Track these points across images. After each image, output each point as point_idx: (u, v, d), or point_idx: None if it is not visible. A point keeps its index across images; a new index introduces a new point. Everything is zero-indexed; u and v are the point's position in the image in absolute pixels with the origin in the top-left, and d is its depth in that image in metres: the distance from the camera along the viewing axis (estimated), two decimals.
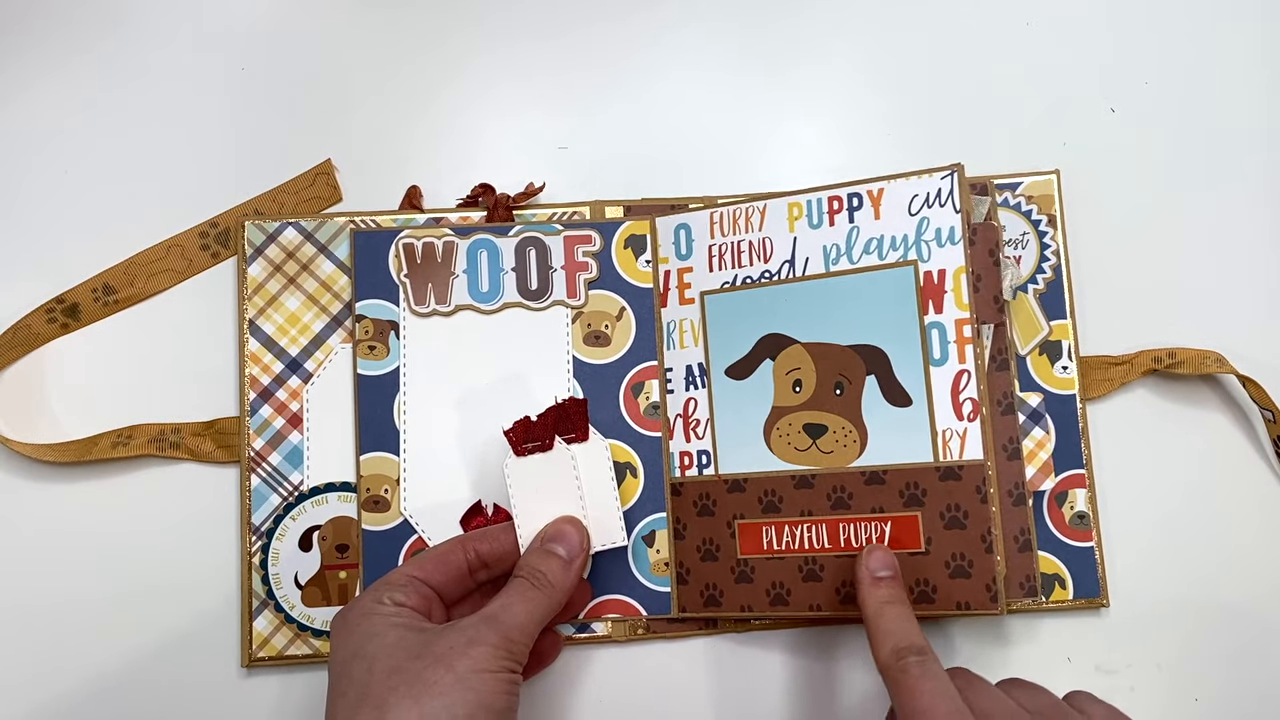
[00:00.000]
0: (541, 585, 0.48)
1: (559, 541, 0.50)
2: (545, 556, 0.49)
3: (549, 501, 0.51)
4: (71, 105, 0.60)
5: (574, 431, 0.52)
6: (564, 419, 0.52)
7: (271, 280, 0.56)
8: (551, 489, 0.51)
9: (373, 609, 0.46)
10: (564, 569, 0.49)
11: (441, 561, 0.49)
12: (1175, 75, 0.61)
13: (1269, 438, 0.57)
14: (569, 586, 0.49)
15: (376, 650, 0.44)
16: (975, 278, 0.51)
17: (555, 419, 0.52)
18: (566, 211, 0.58)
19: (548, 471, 0.51)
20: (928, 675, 0.43)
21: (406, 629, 0.45)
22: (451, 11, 0.61)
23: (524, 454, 0.51)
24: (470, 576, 0.50)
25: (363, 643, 0.44)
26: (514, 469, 0.51)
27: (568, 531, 0.50)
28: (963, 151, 0.57)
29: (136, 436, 0.55)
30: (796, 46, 0.61)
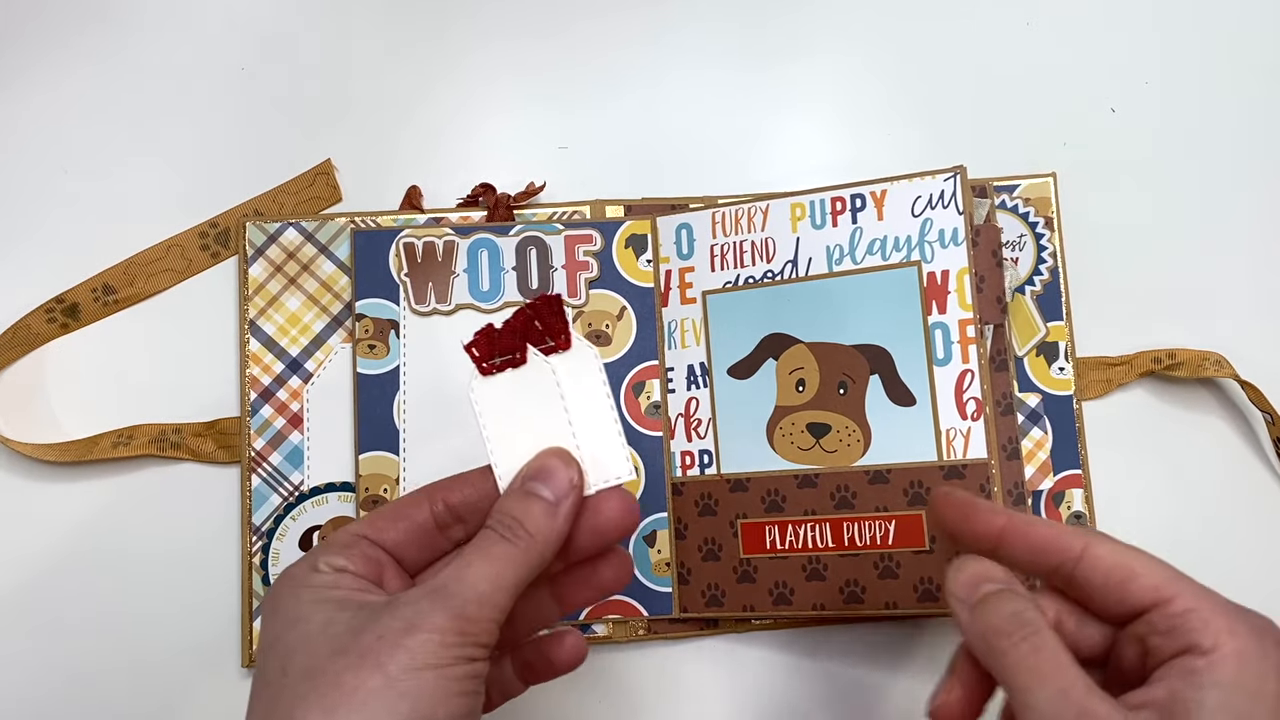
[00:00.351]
0: (516, 536, 0.36)
1: (541, 479, 0.38)
2: (523, 499, 0.37)
3: (530, 432, 0.39)
4: (71, 105, 0.59)
5: (552, 338, 0.40)
6: (537, 322, 0.40)
7: (272, 280, 0.56)
8: (532, 415, 0.40)
9: (304, 579, 0.36)
10: (548, 513, 0.37)
11: (398, 515, 0.39)
12: (1175, 75, 0.61)
13: (1269, 439, 0.57)
14: (555, 537, 0.37)
15: (296, 641, 0.34)
16: (978, 278, 0.51)
17: (525, 323, 0.40)
18: (567, 211, 0.58)
19: (524, 392, 0.40)
20: None
21: (339, 607, 0.35)
22: (451, 11, 0.61)
23: (491, 372, 0.40)
24: (441, 534, 0.40)
25: (283, 629, 0.35)
26: (481, 393, 0.40)
27: (552, 466, 0.38)
28: (963, 151, 0.57)
29: (137, 436, 0.55)
30: (797, 45, 0.61)
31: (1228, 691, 0.33)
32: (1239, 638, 0.34)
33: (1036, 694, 0.34)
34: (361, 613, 0.35)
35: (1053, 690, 0.34)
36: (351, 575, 0.37)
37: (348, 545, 0.38)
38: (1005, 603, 0.37)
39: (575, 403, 0.40)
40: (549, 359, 0.40)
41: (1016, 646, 0.35)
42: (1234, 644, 0.34)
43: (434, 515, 0.39)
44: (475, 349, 0.40)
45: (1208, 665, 0.33)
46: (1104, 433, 0.57)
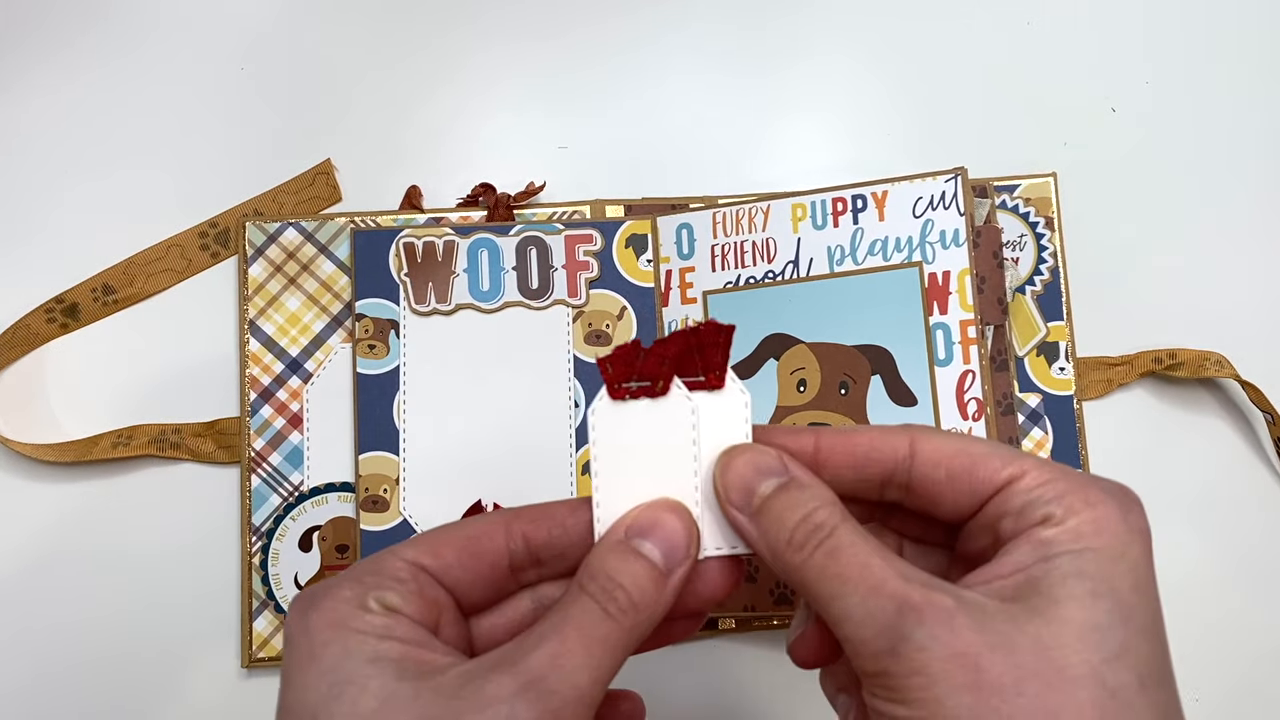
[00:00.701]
0: (620, 610, 0.30)
1: (651, 537, 0.31)
2: (627, 558, 0.31)
3: (648, 476, 0.34)
4: (71, 104, 0.59)
5: (705, 373, 0.34)
6: (693, 352, 0.34)
7: (272, 280, 0.56)
8: (656, 457, 0.34)
9: (349, 619, 0.29)
10: (655, 582, 0.31)
11: (468, 546, 0.32)
12: (1176, 75, 0.61)
13: (1270, 439, 0.57)
14: (659, 612, 0.31)
15: (340, 712, 0.28)
16: (979, 279, 0.51)
17: (680, 350, 0.34)
18: (567, 211, 0.58)
19: (654, 428, 0.34)
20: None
21: (398, 674, 0.28)
22: (451, 11, 0.61)
23: (623, 396, 0.34)
24: (512, 576, 0.33)
25: (327, 695, 0.28)
26: (603, 417, 0.34)
27: (667, 524, 0.32)
28: (963, 151, 0.57)
29: (137, 437, 0.55)
30: (797, 46, 0.61)
31: (1084, 558, 0.28)
32: (1096, 505, 0.29)
33: (845, 601, 0.29)
34: (427, 695, 0.28)
35: (862, 592, 0.29)
36: (407, 621, 0.30)
37: (403, 579, 0.31)
38: (790, 506, 0.31)
39: (708, 452, 0.34)
40: (693, 395, 0.34)
41: (811, 557, 0.30)
42: (1090, 511, 0.29)
43: (510, 553, 0.33)
44: (610, 365, 0.34)
45: (1060, 534, 0.29)
46: (1105, 433, 0.57)
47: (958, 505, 0.32)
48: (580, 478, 0.55)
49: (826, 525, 0.30)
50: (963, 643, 0.27)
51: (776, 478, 0.32)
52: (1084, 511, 0.29)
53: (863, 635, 0.28)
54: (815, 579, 0.30)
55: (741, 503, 0.32)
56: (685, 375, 0.34)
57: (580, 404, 0.55)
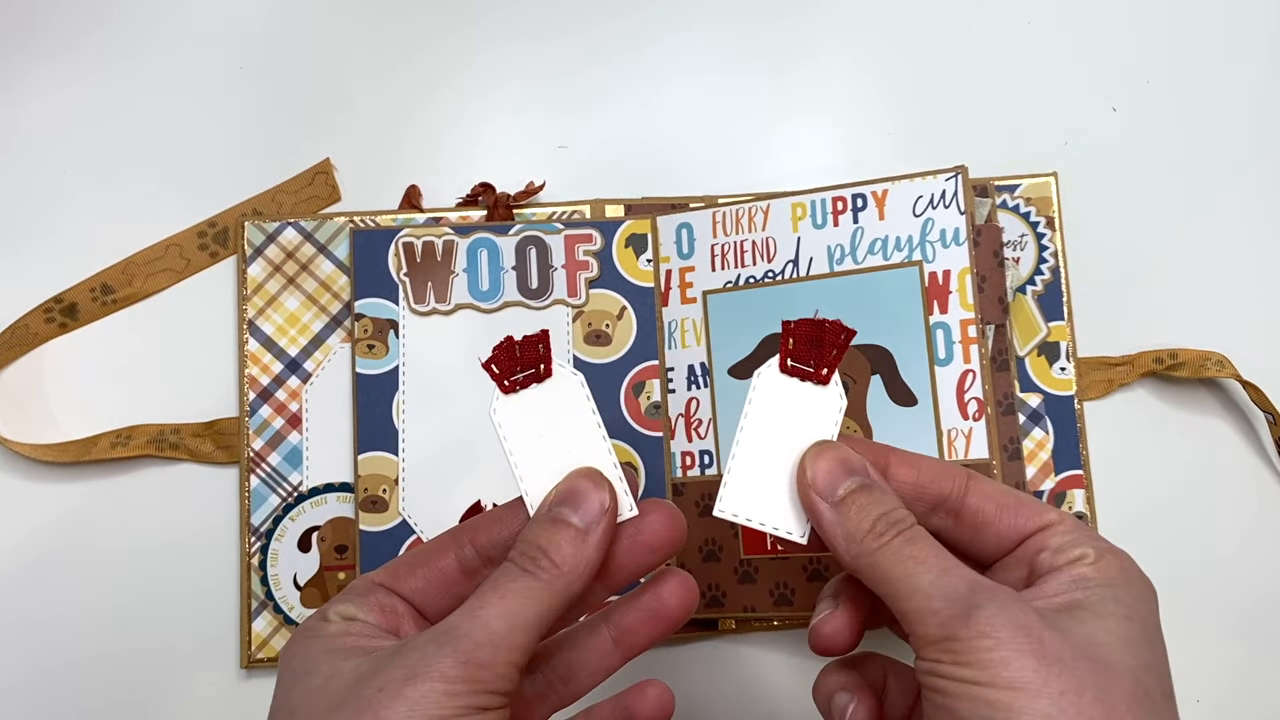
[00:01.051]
0: (539, 568, 0.33)
1: (569, 503, 0.34)
2: (548, 527, 0.34)
3: (563, 452, 0.36)
4: (69, 105, 0.59)
5: (816, 366, 0.37)
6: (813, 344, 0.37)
7: (271, 280, 0.56)
8: (564, 434, 0.36)
9: (313, 630, 0.34)
10: (575, 541, 0.34)
11: (419, 562, 0.36)
12: (1177, 74, 0.61)
13: (1271, 439, 0.57)
14: (585, 566, 0.34)
15: (299, 697, 0.32)
16: (980, 278, 0.51)
17: (803, 337, 0.37)
18: (567, 210, 0.58)
19: (552, 409, 0.36)
20: None
21: (345, 656, 0.32)
22: (451, 10, 0.61)
23: (514, 389, 0.37)
24: (468, 580, 0.36)
25: (290, 685, 0.33)
26: (505, 414, 0.36)
27: (581, 489, 0.35)
28: (963, 150, 0.57)
29: (136, 437, 0.55)
30: (797, 46, 0.61)
31: (1118, 590, 0.33)
32: (1120, 558, 0.34)
33: (921, 577, 0.33)
34: (365, 661, 0.32)
35: (937, 571, 0.33)
36: (363, 624, 0.34)
37: (361, 593, 0.35)
38: (874, 503, 0.35)
39: (773, 431, 0.37)
40: (574, 372, 0.37)
41: (890, 543, 0.34)
42: (1117, 561, 0.34)
43: (460, 560, 0.36)
44: (495, 365, 0.37)
45: (1095, 572, 0.33)
46: (1105, 433, 0.57)
47: (1000, 536, 0.36)
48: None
49: (906, 521, 0.35)
50: (1028, 619, 0.31)
51: (860, 477, 0.35)
52: (1111, 560, 0.34)
53: (933, 605, 0.32)
54: (892, 560, 0.34)
55: (826, 491, 0.35)
56: (799, 362, 0.37)
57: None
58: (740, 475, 0.37)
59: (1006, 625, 0.31)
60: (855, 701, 0.38)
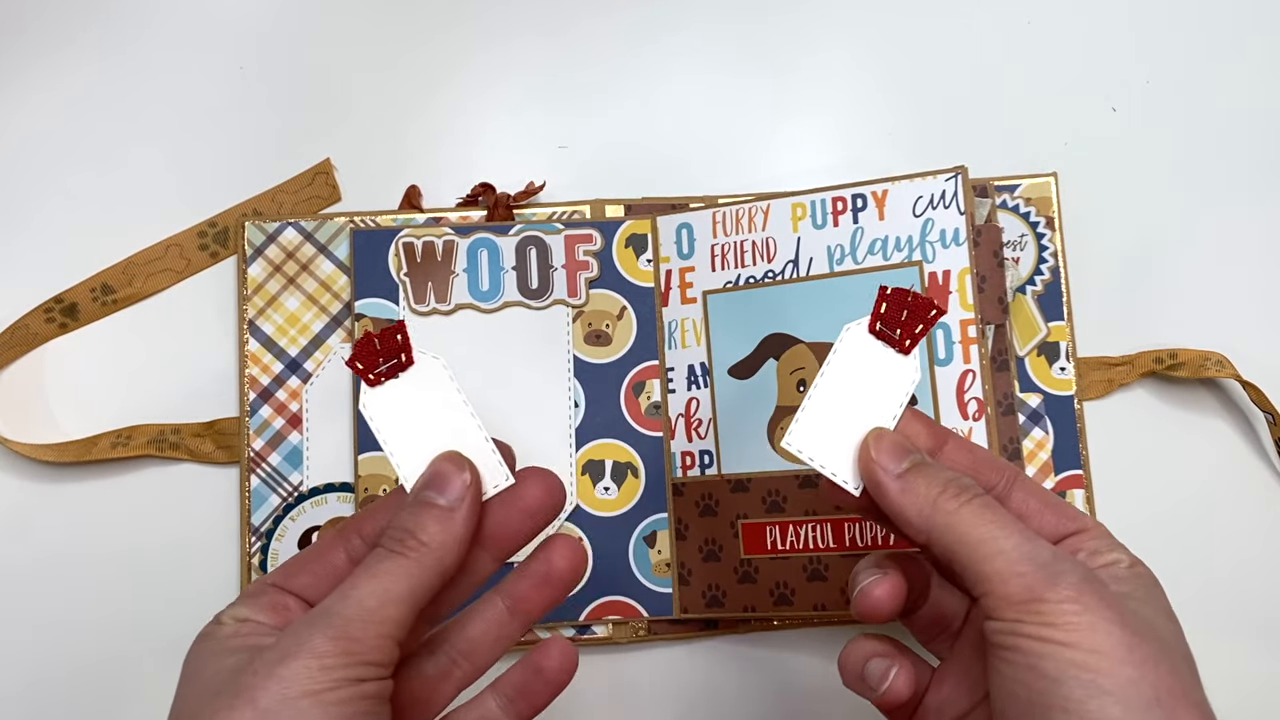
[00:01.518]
0: (406, 548, 0.35)
1: (434, 487, 0.36)
2: (415, 510, 0.36)
3: (435, 435, 0.38)
4: (70, 103, 0.59)
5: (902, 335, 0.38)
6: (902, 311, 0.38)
7: (271, 280, 0.56)
8: (433, 419, 0.38)
9: (208, 634, 0.35)
10: (442, 520, 0.35)
11: (309, 558, 0.37)
12: (1176, 75, 0.61)
13: (1271, 439, 0.57)
14: (454, 541, 0.35)
15: (189, 694, 0.33)
16: (979, 278, 0.51)
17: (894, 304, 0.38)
18: (567, 211, 0.58)
19: (421, 395, 0.38)
20: None
21: (231, 653, 0.33)
22: (451, 10, 0.61)
23: (379, 381, 0.38)
24: None
25: (183, 686, 0.34)
26: (375, 407, 0.38)
27: (444, 471, 0.36)
28: (963, 151, 0.57)
29: (136, 437, 0.55)
30: (797, 45, 0.61)
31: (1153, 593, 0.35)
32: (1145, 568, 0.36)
33: (1005, 539, 0.34)
34: (248, 653, 0.33)
35: (1019, 536, 0.34)
36: (254, 624, 0.35)
37: (255, 595, 0.36)
38: (942, 471, 0.36)
39: (849, 388, 0.39)
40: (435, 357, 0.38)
41: (968, 504, 0.35)
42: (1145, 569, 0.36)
43: (348, 552, 0.37)
44: (358, 361, 0.38)
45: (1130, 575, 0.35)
46: (1105, 433, 0.57)
47: (1043, 528, 0.37)
48: (580, 477, 0.55)
49: (976, 488, 0.36)
50: (1107, 591, 0.33)
51: (918, 455, 0.37)
52: (1141, 568, 0.36)
53: (1019, 568, 0.33)
54: (972, 520, 0.35)
55: (890, 464, 0.37)
56: (886, 326, 0.38)
57: (580, 404, 0.55)
58: (811, 417, 0.38)
59: (1092, 593, 0.32)
60: (896, 667, 0.39)
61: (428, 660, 0.39)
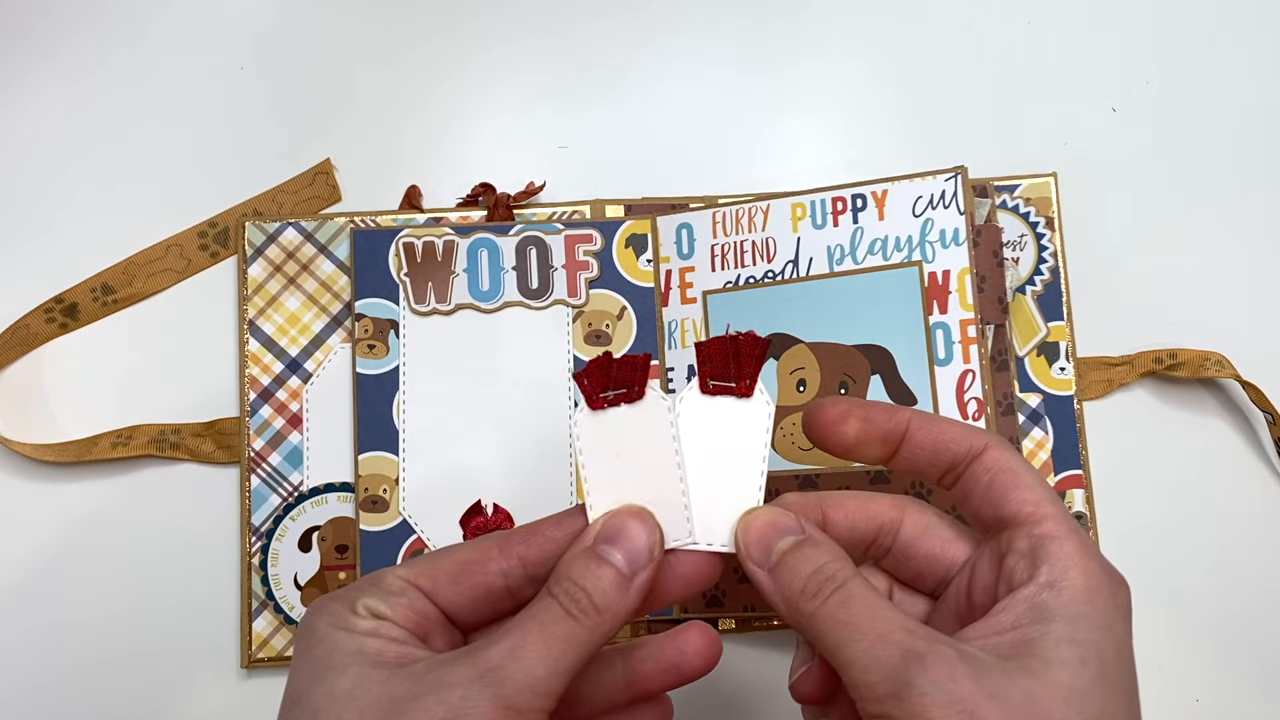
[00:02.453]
0: (582, 611, 0.32)
1: (614, 543, 0.33)
2: (592, 563, 0.33)
3: (633, 476, 0.35)
4: (70, 105, 0.59)
5: (737, 380, 0.36)
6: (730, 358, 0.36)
7: (271, 280, 0.56)
8: (640, 457, 0.35)
9: (340, 618, 0.33)
10: (619, 585, 0.33)
11: (463, 573, 0.35)
12: (1176, 75, 0.61)
13: (1270, 439, 0.57)
14: (624, 613, 0.33)
15: (322, 699, 0.31)
16: (979, 278, 0.51)
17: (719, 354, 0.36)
18: (567, 211, 0.58)
19: (634, 431, 0.35)
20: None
21: (374, 664, 0.31)
22: (451, 10, 0.61)
23: (602, 406, 0.35)
24: (510, 599, 0.35)
25: (312, 677, 0.32)
26: (585, 427, 0.36)
27: (629, 529, 0.34)
28: (963, 151, 0.57)
29: (136, 437, 0.55)
30: (797, 45, 0.61)
31: (1076, 624, 0.31)
32: (1092, 575, 0.32)
33: (853, 647, 0.31)
34: (397, 679, 0.31)
35: (870, 639, 0.31)
36: (394, 626, 0.33)
37: (394, 593, 0.33)
38: (805, 560, 0.33)
39: (709, 453, 0.35)
40: (681, 399, 0.35)
41: (824, 605, 0.32)
42: (1086, 581, 0.32)
43: (505, 576, 0.35)
44: (586, 379, 0.36)
45: (1056, 598, 0.32)
46: (1105, 433, 0.57)
47: (981, 515, 0.35)
48: (580, 477, 0.55)
49: (838, 577, 0.33)
50: (962, 691, 0.30)
51: (793, 535, 0.34)
52: (1077, 579, 0.32)
53: (869, 680, 0.31)
54: (827, 627, 0.32)
55: (760, 559, 0.34)
56: (719, 380, 0.35)
57: (580, 404, 0.55)
58: (701, 506, 0.35)
59: (938, 702, 0.29)
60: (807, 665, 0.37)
61: None
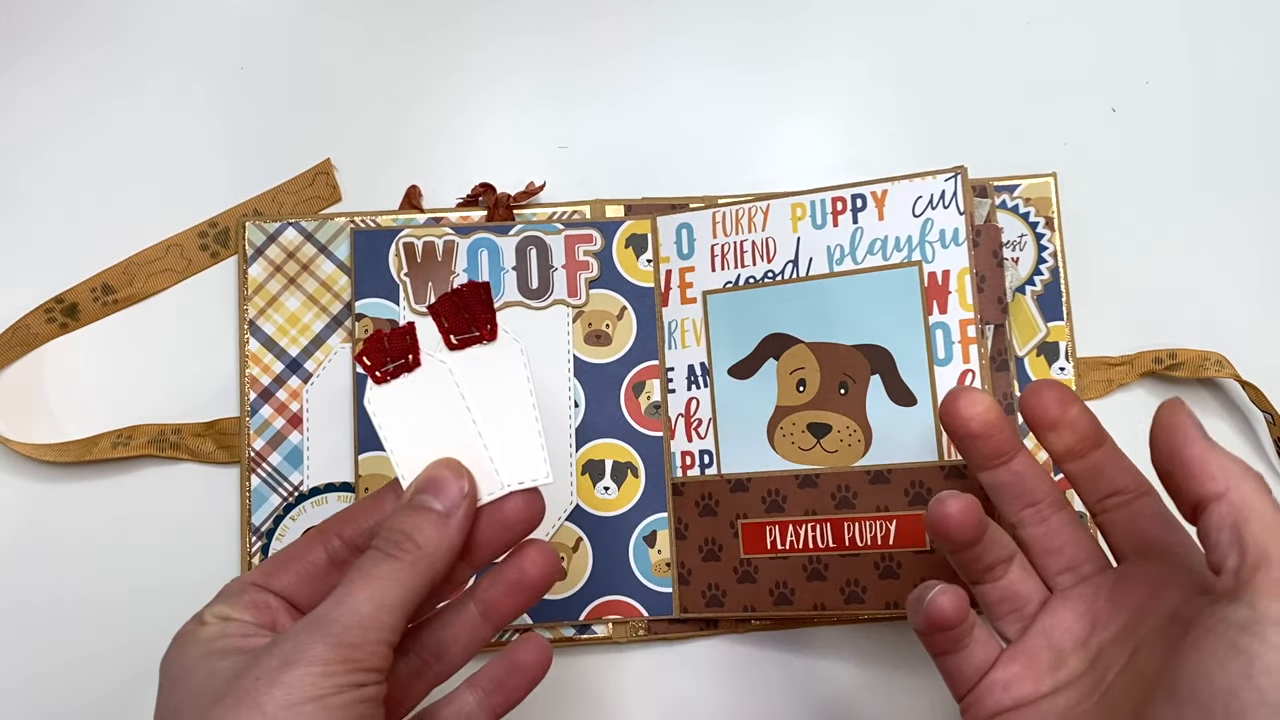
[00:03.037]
0: (403, 550, 0.35)
1: (430, 491, 0.36)
2: (411, 513, 0.36)
3: (435, 439, 0.38)
4: (70, 104, 0.59)
5: (478, 329, 0.38)
6: (462, 312, 0.38)
7: (272, 280, 0.56)
8: (435, 421, 0.38)
9: (191, 634, 0.36)
10: (438, 525, 0.36)
11: (289, 558, 0.38)
12: (1175, 75, 0.61)
13: (1270, 439, 0.57)
14: (446, 548, 0.36)
15: (181, 698, 0.34)
16: (979, 278, 0.51)
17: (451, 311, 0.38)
18: (567, 211, 0.58)
19: (425, 397, 0.38)
20: None
21: (222, 655, 0.34)
22: (451, 10, 0.61)
23: (385, 380, 0.38)
24: (338, 571, 0.38)
25: (170, 689, 0.35)
26: (379, 403, 0.38)
27: (442, 477, 0.36)
28: (963, 151, 0.57)
29: (136, 437, 0.55)
30: (797, 45, 0.61)
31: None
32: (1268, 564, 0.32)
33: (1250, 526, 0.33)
34: (244, 657, 0.33)
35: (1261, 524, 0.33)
36: (239, 623, 0.35)
37: (235, 594, 0.37)
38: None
39: (487, 401, 0.38)
40: (446, 357, 0.38)
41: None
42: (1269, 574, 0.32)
43: (329, 553, 0.38)
44: (366, 358, 0.38)
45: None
46: None
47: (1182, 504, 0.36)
48: (580, 477, 0.55)
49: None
50: None
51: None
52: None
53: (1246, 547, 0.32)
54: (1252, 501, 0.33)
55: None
56: (462, 334, 0.38)
57: (580, 404, 0.55)
58: (498, 451, 0.37)
59: None
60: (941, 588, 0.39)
61: (400, 661, 0.39)
